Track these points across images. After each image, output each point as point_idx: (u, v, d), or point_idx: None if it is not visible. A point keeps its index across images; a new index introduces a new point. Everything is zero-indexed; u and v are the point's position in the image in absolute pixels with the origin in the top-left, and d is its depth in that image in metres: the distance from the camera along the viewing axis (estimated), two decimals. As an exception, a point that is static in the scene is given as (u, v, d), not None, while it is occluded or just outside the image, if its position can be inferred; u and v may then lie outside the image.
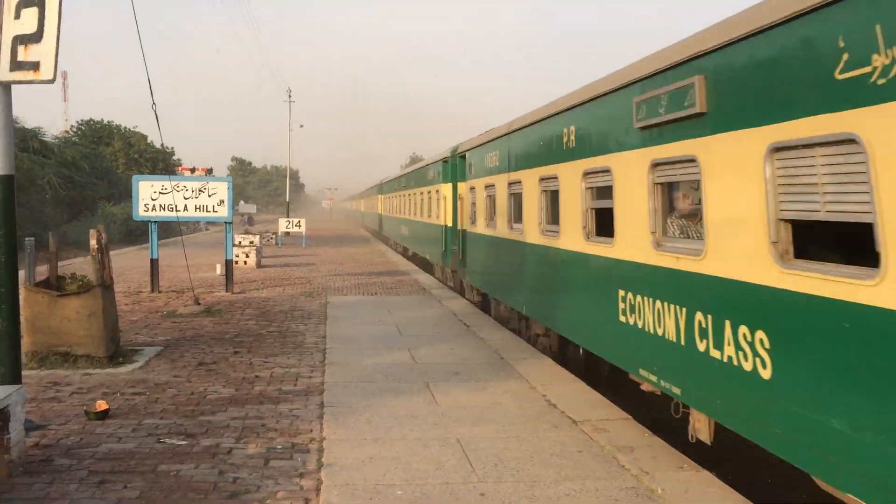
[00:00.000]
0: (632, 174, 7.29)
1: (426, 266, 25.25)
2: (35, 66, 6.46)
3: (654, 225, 6.88)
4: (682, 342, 6.23)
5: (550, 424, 7.36)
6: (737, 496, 5.51)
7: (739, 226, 5.40)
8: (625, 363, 7.69)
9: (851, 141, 4.22)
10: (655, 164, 6.80)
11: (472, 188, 15.83)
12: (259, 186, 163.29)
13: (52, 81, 6.46)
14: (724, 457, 6.86)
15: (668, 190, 6.97)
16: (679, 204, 7.00)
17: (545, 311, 10.71)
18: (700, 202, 6.07)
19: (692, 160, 6.11)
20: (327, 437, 6.90)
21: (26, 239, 13.13)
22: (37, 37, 6.36)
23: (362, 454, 6.42)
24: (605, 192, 8.15)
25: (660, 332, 6.65)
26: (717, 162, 5.72)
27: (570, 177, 9.13)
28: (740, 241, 5.39)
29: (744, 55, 5.37)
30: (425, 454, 6.46)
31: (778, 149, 4.91)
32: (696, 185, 6.29)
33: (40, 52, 6.40)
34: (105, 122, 64.04)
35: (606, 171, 8.01)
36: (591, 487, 5.72)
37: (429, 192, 22.69)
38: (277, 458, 6.33)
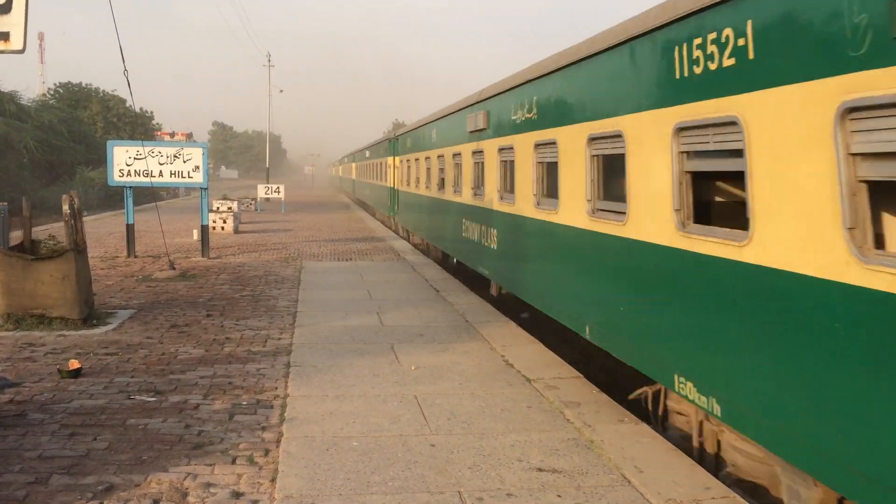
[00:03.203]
0: None
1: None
2: (5, 36, 6.65)
3: None
4: None
5: (505, 382, 7.74)
6: (667, 445, 5.93)
7: None
8: None
9: None
10: None
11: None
12: (240, 152, 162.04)
13: (21, 51, 6.65)
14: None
15: None
16: None
17: None
18: None
19: None
20: (291, 394, 7.24)
21: (0, 204, 13.28)
22: (6, 8, 6.54)
23: (323, 409, 6.78)
24: None
25: None
26: None
27: None
28: None
29: None
30: (383, 409, 6.82)
31: None
32: None
33: (10, 23, 6.58)
34: (83, 84, 63.34)
35: None
36: (535, 439, 6.12)
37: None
38: (242, 414, 6.67)
